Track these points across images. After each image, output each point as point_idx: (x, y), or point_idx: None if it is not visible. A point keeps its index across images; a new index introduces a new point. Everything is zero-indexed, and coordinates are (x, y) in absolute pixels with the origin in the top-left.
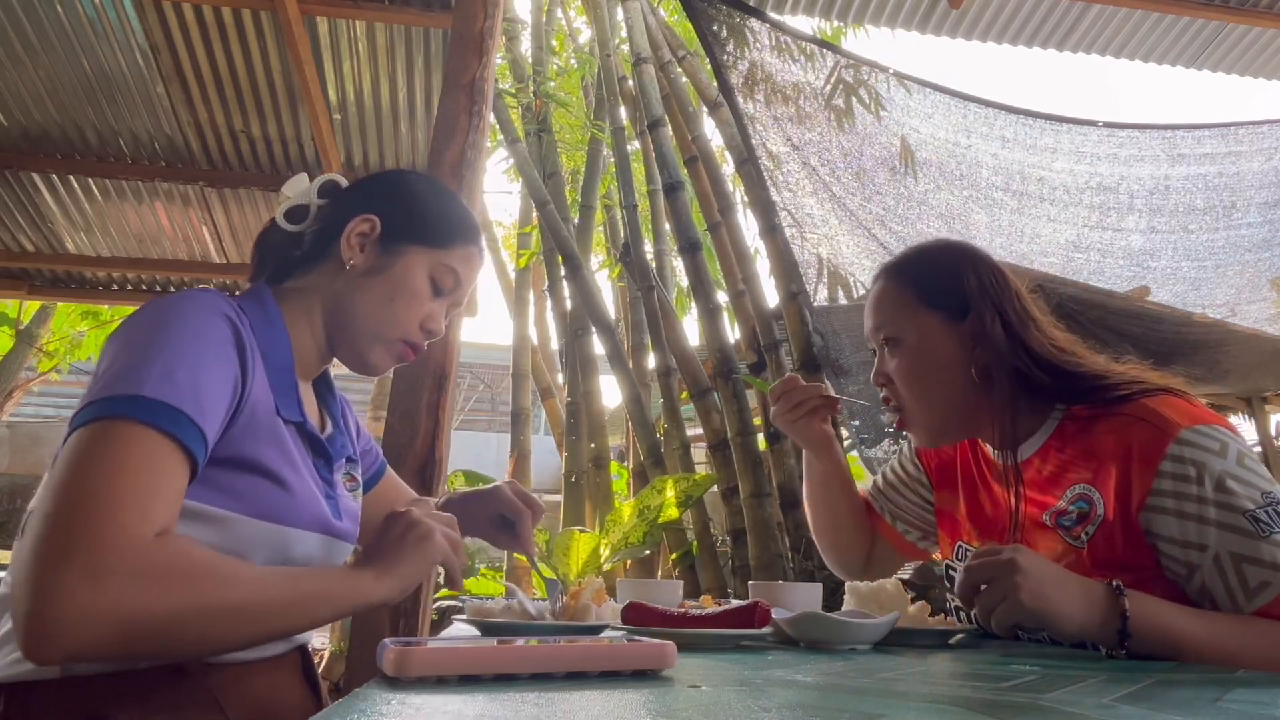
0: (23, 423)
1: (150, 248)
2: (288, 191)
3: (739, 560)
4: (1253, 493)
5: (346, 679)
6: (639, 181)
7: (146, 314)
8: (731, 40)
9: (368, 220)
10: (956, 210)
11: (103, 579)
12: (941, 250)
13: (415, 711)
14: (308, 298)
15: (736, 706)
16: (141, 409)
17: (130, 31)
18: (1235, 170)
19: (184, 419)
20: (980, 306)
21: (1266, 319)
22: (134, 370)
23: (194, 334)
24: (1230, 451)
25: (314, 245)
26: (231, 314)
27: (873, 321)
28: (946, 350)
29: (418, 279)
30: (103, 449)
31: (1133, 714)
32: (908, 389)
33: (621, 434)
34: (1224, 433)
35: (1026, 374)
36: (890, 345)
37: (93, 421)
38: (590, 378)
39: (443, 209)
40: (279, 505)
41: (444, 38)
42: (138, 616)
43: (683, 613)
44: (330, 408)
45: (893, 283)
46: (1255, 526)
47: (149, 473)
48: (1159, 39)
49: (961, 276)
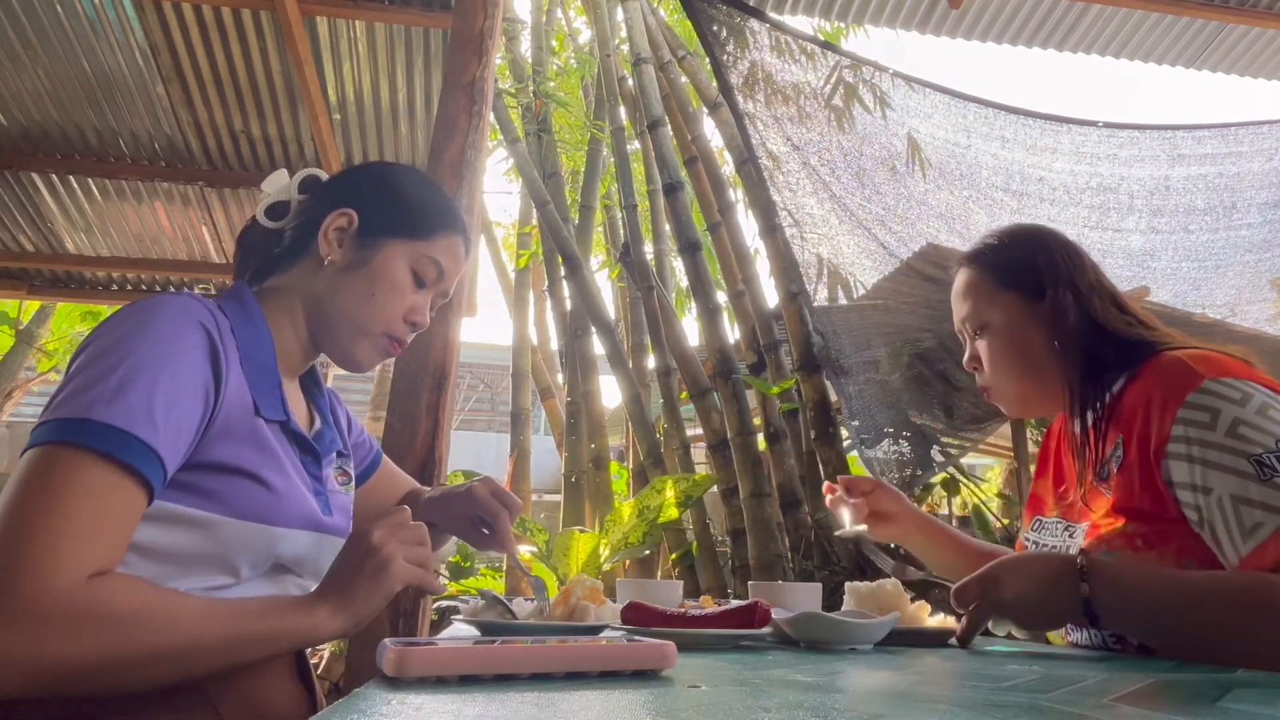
0: (23, 423)
1: (150, 248)
2: (267, 188)
3: (739, 560)
4: (1266, 439)
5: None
6: (639, 182)
7: (115, 323)
8: (731, 40)
9: (345, 214)
10: (956, 210)
11: (22, 627)
12: (1016, 234)
13: (415, 711)
14: (289, 295)
15: (736, 706)
16: (90, 434)
17: (130, 31)
18: (1236, 171)
19: (135, 443)
20: (1054, 285)
21: (1266, 319)
22: (88, 390)
23: (160, 346)
24: (1252, 402)
25: (294, 242)
26: (205, 319)
27: (961, 312)
28: (1028, 328)
29: (398, 271)
30: (43, 481)
31: (1133, 714)
32: (994, 367)
33: (621, 434)
34: (1254, 386)
35: (1096, 346)
36: (979, 331)
37: (43, 445)
38: (590, 378)
39: (421, 199)
40: (264, 505)
41: (444, 38)
42: (53, 664)
43: (683, 613)
44: (318, 403)
45: (972, 271)
46: (1258, 470)
47: (90, 508)
48: (1159, 39)
49: (1036, 257)
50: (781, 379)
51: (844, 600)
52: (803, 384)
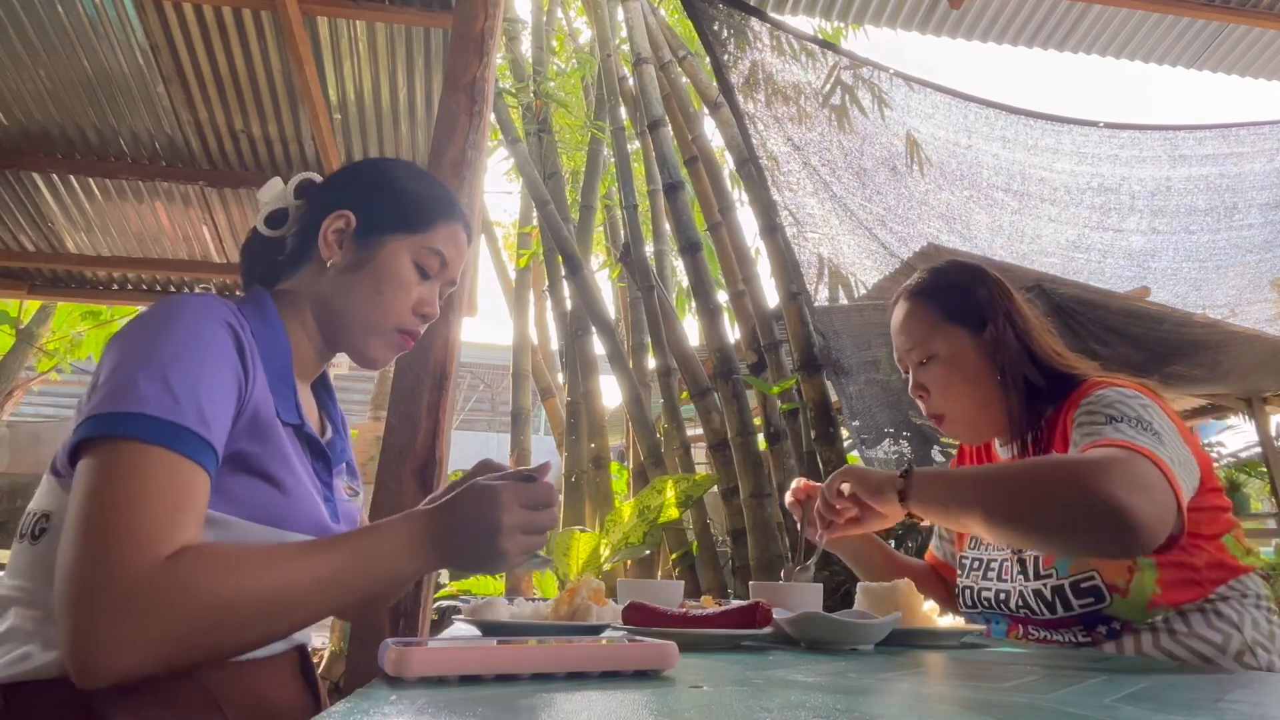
0: (23, 422)
1: (150, 248)
2: (263, 197)
3: (739, 560)
4: (1130, 410)
5: (346, 679)
6: (639, 181)
7: (148, 320)
8: (732, 40)
9: (342, 216)
10: (957, 210)
11: (122, 611)
12: (955, 270)
13: (416, 712)
14: (298, 300)
15: (737, 707)
16: (148, 429)
17: (130, 31)
18: (1237, 171)
19: (188, 434)
20: (994, 318)
21: (1266, 320)
22: (136, 385)
23: (195, 341)
24: (1137, 398)
25: (296, 248)
26: (232, 319)
27: (906, 343)
28: (973, 359)
29: (402, 266)
30: (112, 475)
31: (1133, 714)
32: (944, 397)
33: (621, 434)
34: (1145, 397)
35: (1033, 376)
36: (926, 361)
37: (101, 439)
38: (590, 378)
39: (417, 191)
40: (276, 509)
41: (444, 38)
42: (165, 639)
43: (683, 613)
44: (330, 412)
45: (916, 305)
46: (1108, 420)
47: (159, 491)
48: (1159, 39)
49: (974, 291)
50: (782, 379)
51: (855, 600)
52: (803, 384)
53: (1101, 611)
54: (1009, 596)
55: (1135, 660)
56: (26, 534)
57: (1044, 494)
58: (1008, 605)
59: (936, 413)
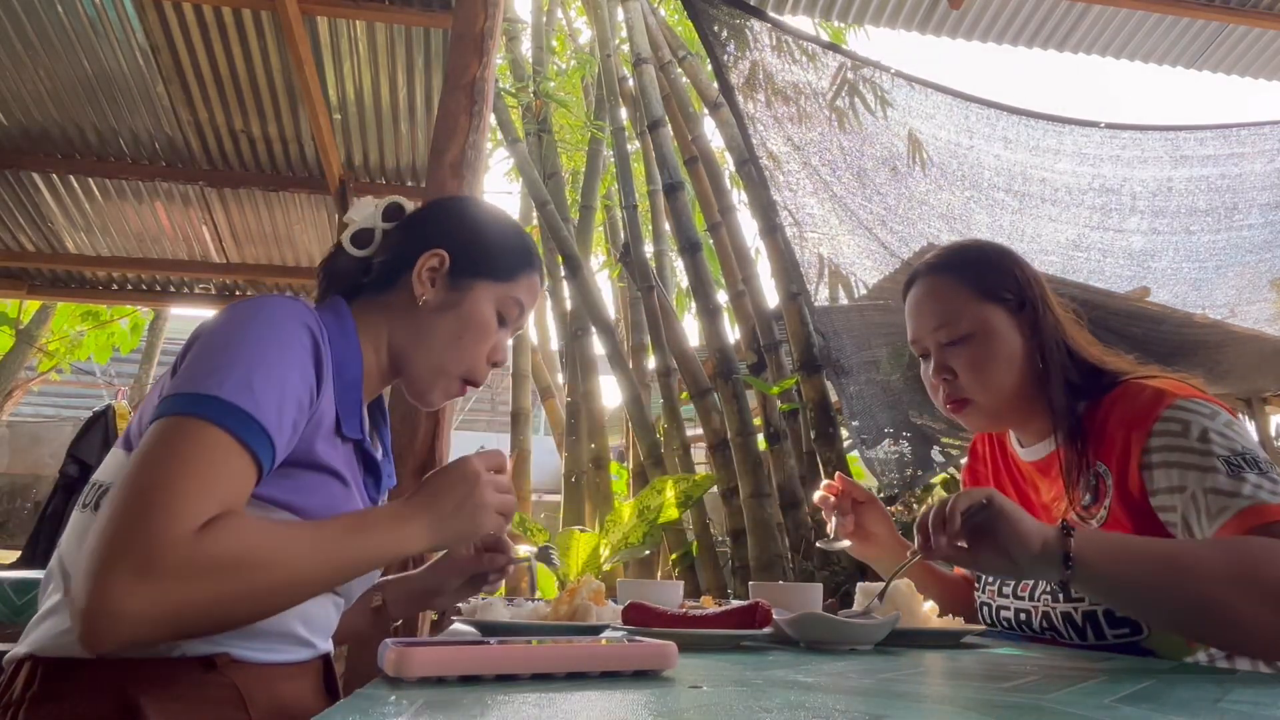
0: (23, 422)
1: (150, 248)
2: (353, 215)
3: (739, 560)
4: (1233, 444)
5: (347, 679)
6: (639, 182)
7: (233, 315)
8: (732, 40)
9: (437, 255)
10: (957, 210)
11: (147, 579)
12: (985, 246)
13: (415, 711)
14: (377, 323)
15: (737, 707)
16: (217, 411)
17: (130, 31)
18: (1238, 171)
19: (255, 426)
20: (1034, 299)
21: (1266, 320)
22: (216, 372)
23: (276, 342)
24: (1219, 418)
25: (383, 273)
26: (313, 325)
27: (932, 321)
28: (1012, 340)
29: (486, 313)
30: (167, 445)
31: (1133, 714)
32: (975, 380)
33: (621, 434)
34: (1217, 408)
35: (1068, 367)
36: (958, 341)
37: (170, 415)
38: (590, 378)
39: (506, 240)
40: (344, 507)
41: (444, 38)
42: (182, 609)
43: (683, 613)
44: (381, 433)
45: (944, 280)
46: (1227, 468)
47: (208, 469)
48: (1159, 39)
49: (1010, 270)
50: (782, 379)
51: (855, 600)
52: (803, 384)
53: (1139, 644)
54: (1031, 617)
55: (1135, 660)
56: (89, 504)
57: (1232, 603)
58: (1030, 626)
59: (962, 397)
